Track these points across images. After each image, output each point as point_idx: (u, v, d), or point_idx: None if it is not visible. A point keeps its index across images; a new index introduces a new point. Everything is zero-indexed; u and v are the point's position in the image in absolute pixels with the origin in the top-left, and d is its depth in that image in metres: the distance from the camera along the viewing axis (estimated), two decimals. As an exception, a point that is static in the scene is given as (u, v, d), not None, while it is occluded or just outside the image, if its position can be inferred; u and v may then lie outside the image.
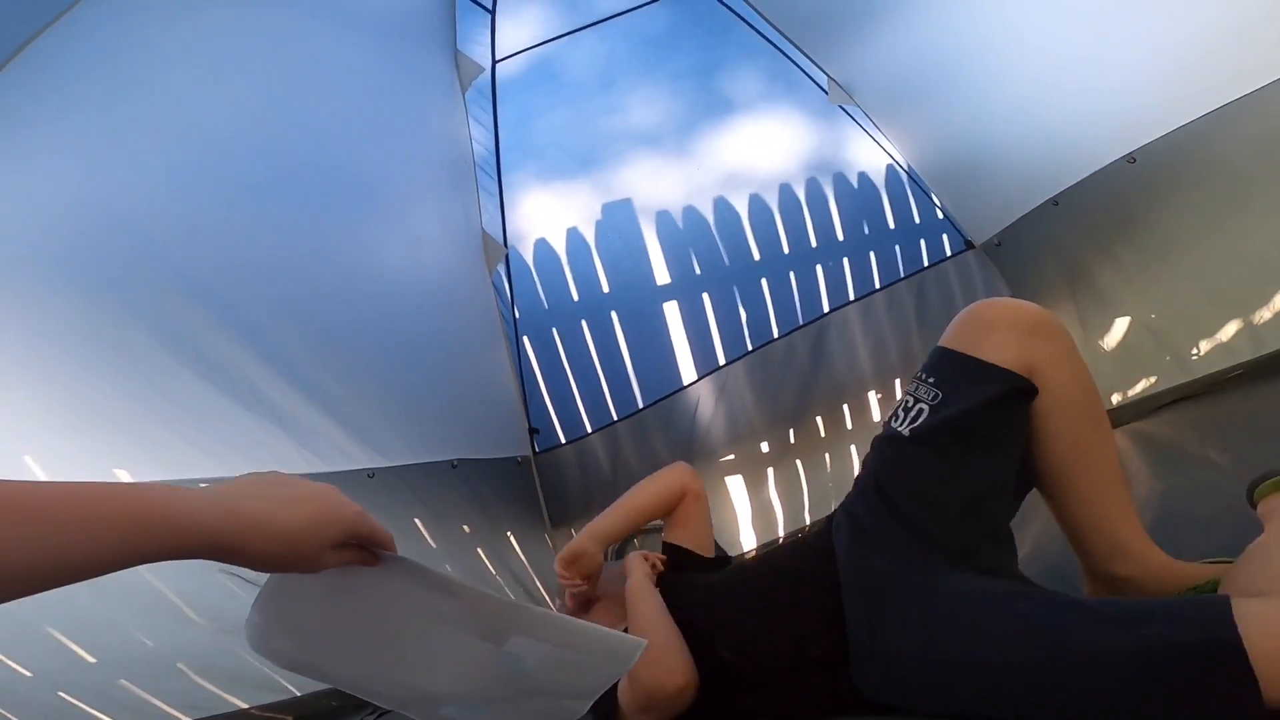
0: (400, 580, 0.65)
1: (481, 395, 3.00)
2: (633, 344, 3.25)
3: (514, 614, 0.67)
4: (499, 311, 3.10)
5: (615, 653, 0.68)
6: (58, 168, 1.69)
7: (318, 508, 0.56)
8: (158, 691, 1.75)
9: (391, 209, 2.53)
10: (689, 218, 3.25)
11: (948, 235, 3.17)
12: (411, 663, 0.70)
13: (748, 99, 3.28)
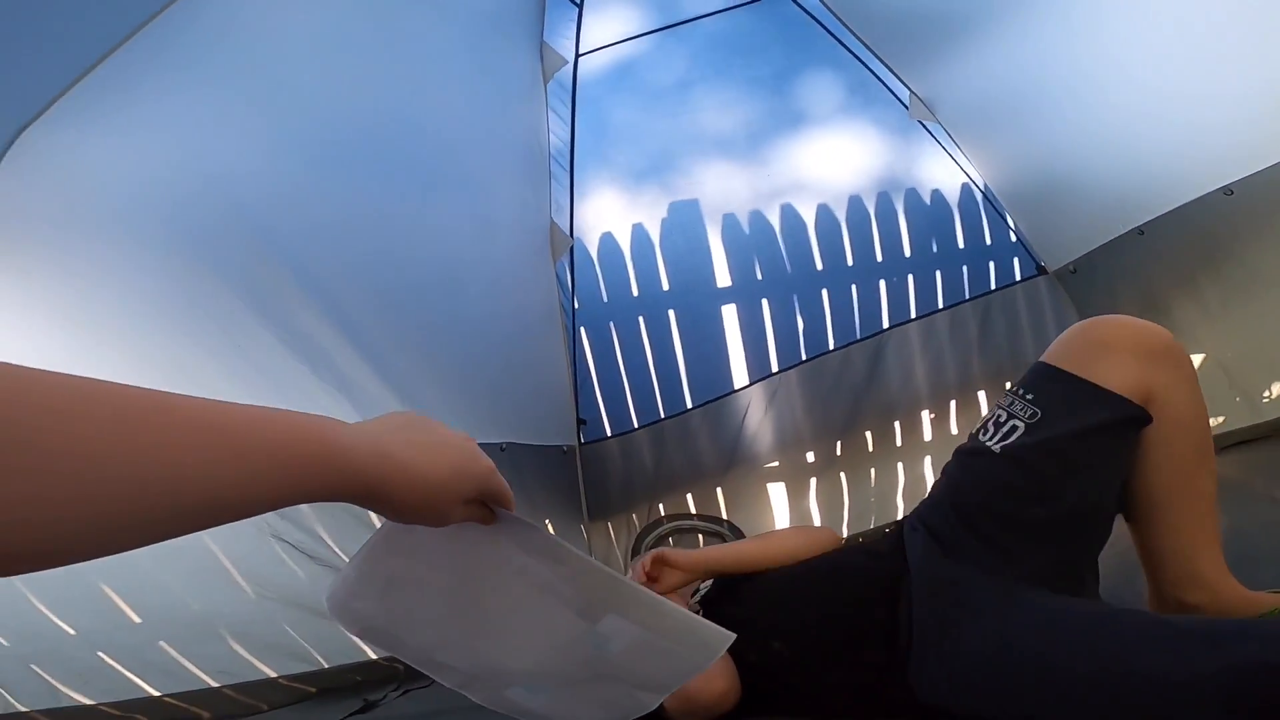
0: (509, 542, 0.63)
1: (535, 382, 3.02)
2: (687, 344, 3.22)
3: (616, 589, 0.64)
4: (559, 301, 3.10)
5: (703, 644, 0.65)
6: (170, 135, 1.74)
7: (459, 459, 0.53)
8: (193, 655, 1.82)
9: (467, 191, 2.56)
10: (755, 223, 3.21)
11: (1019, 259, 3.08)
12: (493, 634, 0.68)
13: (824, 109, 3.22)
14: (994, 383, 3.11)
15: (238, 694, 1.84)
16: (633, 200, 3.23)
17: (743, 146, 3.26)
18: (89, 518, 0.29)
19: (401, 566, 0.67)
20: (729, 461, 3.21)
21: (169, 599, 1.84)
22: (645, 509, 3.21)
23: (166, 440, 0.33)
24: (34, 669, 1.64)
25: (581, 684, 0.70)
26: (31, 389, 0.28)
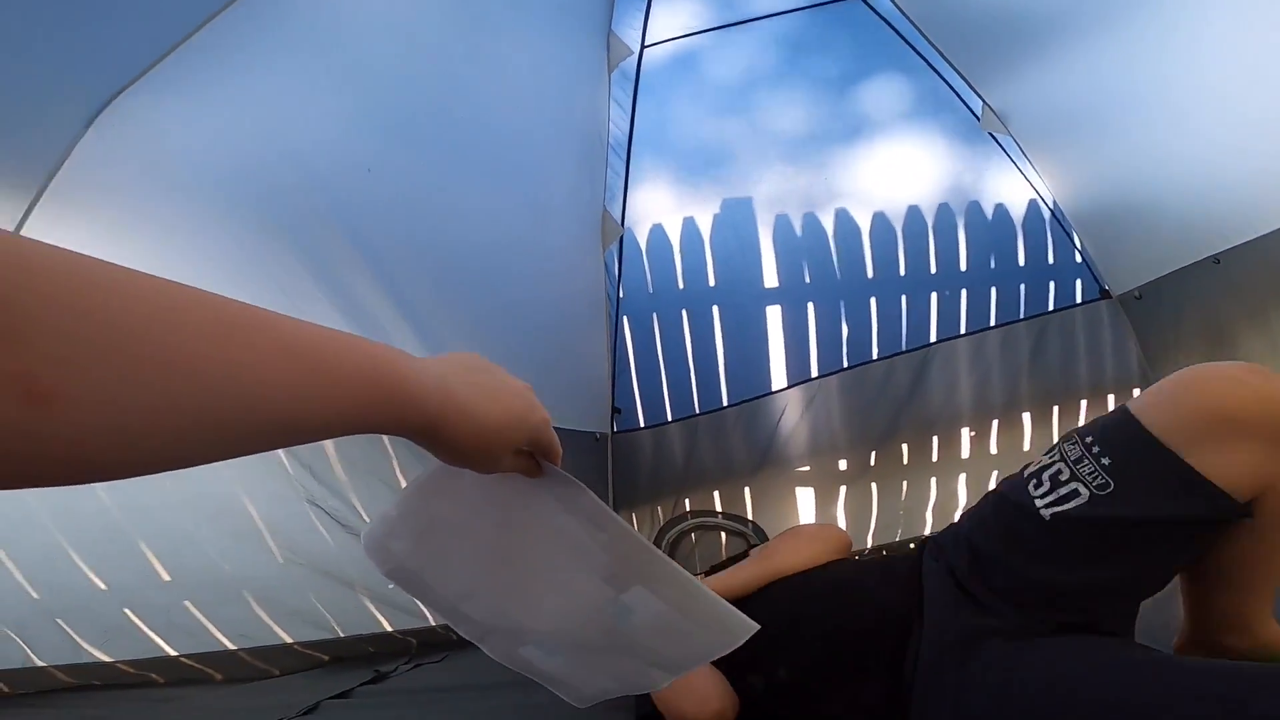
0: (551, 498, 0.62)
1: (574, 367, 3.01)
2: (729, 341, 3.17)
3: (649, 561, 0.62)
4: (605, 289, 3.08)
5: (724, 629, 0.63)
6: (252, 106, 1.77)
7: (516, 406, 0.52)
8: (215, 617, 1.85)
9: (525, 176, 2.55)
10: (808, 225, 3.13)
11: (1082, 280, 2.95)
12: (520, 590, 0.67)
13: (890, 115, 3.11)
14: (1041, 406, 3.00)
15: (252, 658, 1.86)
16: (686, 194, 3.18)
17: (802, 148, 3.17)
18: (174, 427, 0.29)
19: (444, 509, 0.66)
20: (760, 462, 3.16)
21: (202, 559, 1.88)
22: (671, 503, 3.18)
23: (253, 354, 0.33)
24: (60, 624, 1.68)
25: (596, 652, 0.68)
26: (133, 291, 0.28)
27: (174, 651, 1.79)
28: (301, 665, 1.88)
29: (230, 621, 1.85)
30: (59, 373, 0.24)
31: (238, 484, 1.94)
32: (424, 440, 0.47)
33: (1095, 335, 2.92)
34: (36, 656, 1.65)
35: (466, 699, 1.35)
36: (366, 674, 1.68)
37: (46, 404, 0.24)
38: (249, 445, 0.34)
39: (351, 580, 2.00)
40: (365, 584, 2.01)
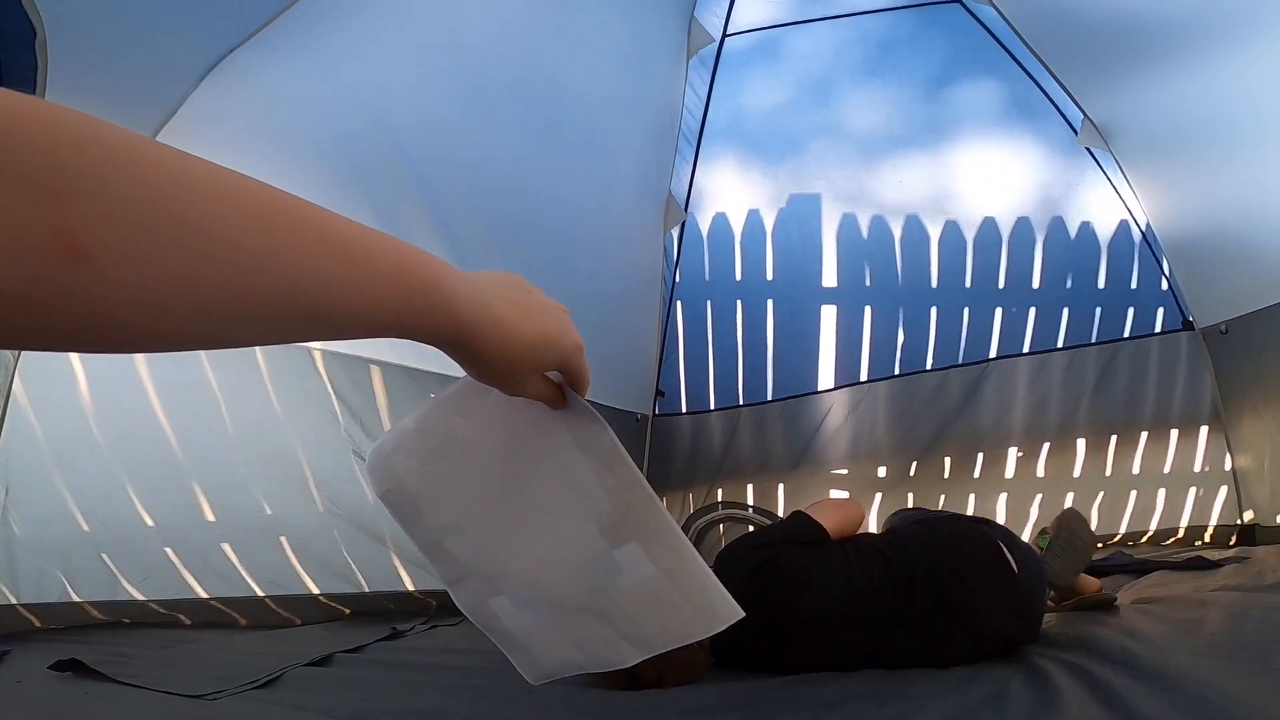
0: (567, 433, 0.56)
1: (623, 345, 2.94)
2: (780, 336, 3.05)
3: (652, 518, 0.56)
4: (661, 272, 2.99)
5: (710, 610, 0.57)
6: (351, 70, 1.78)
7: (551, 327, 0.49)
8: (250, 561, 1.83)
9: (596, 152, 2.48)
10: (875, 228, 2.96)
11: (1164, 309, 2.71)
12: (510, 529, 0.61)
13: (979, 120, 2.90)
14: (1099, 434, 2.79)
15: (278, 605, 1.85)
16: (754, 185, 3.03)
17: (880, 148, 2.98)
18: (208, 298, 0.29)
19: (461, 428, 0.61)
20: (797, 460, 3.05)
21: (247, 501, 1.87)
22: (704, 491, 3.09)
23: (294, 238, 0.33)
24: (103, 558, 1.67)
25: (570, 612, 0.62)
26: (182, 166, 0.28)
27: (205, 593, 1.77)
28: (323, 616, 1.87)
29: (263, 567, 1.84)
30: (101, 232, 0.25)
31: (291, 429, 1.93)
32: (454, 351, 0.45)
33: (1169, 367, 2.69)
34: (74, 591, 1.64)
35: (477, 662, 1.30)
36: (384, 630, 1.66)
37: (86, 261, 0.25)
38: (279, 330, 0.34)
39: (383, 536, 1.98)
40: (395, 541, 1.99)
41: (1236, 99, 2.06)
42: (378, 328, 0.39)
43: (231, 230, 0.30)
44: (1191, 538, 2.59)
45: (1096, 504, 2.74)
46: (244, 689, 1.10)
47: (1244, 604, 1.33)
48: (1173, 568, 1.92)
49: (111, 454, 1.69)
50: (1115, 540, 2.67)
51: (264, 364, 1.89)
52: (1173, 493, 2.67)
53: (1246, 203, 2.25)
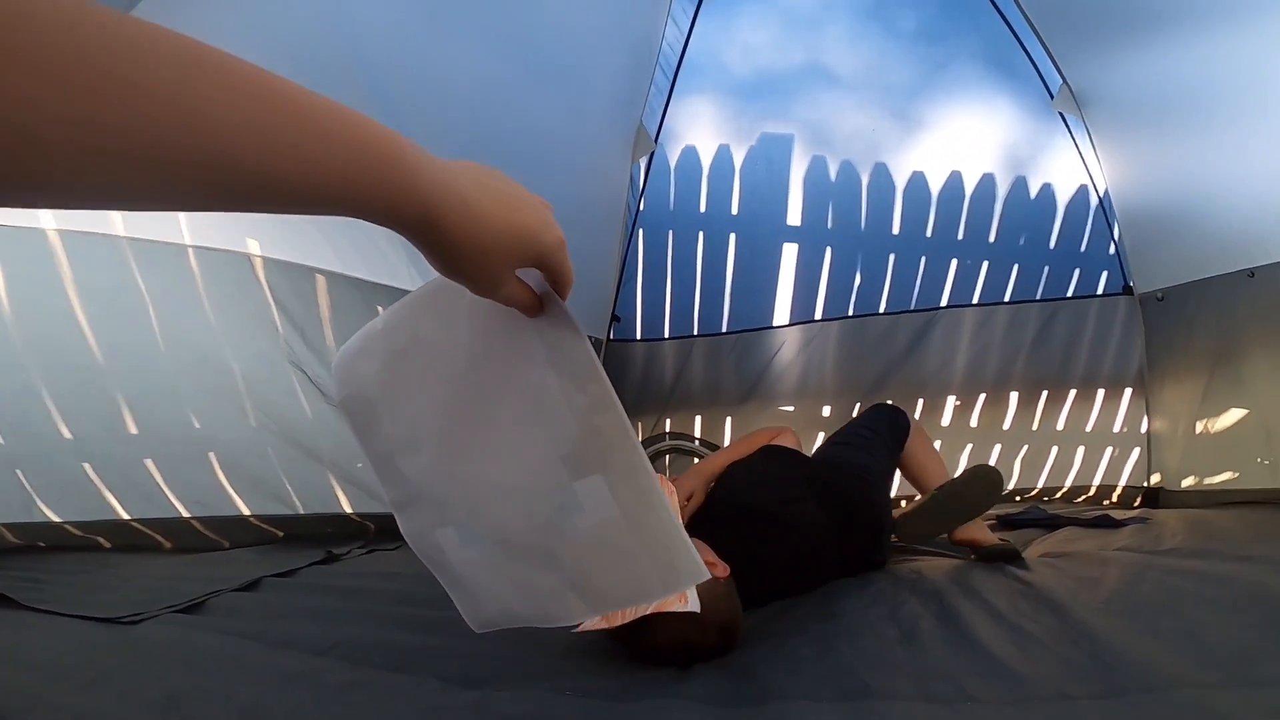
0: (541, 345, 0.51)
1: (582, 268, 2.75)
2: (740, 270, 3.02)
3: (621, 447, 0.50)
4: (626, 199, 2.89)
5: (671, 567, 0.52)
6: None
7: (532, 219, 0.45)
8: (175, 479, 1.71)
9: (569, 76, 2.33)
10: (844, 172, 2.91)
11: (1108, 273, 2.75)
12: (467, 451, 0.56)
13: (958, 77, 2.82)
14: (1031, 389, 2.87)
15: (205, 528, 1.73)
16: (726, 121, 2.95)
17: (859, 95, 2.90)
18: (137, 154, 0.27)
19: (428, 330, 0.56)
20: (746, 394, 3.08)
21: (174, 413, 1.74)
22: (653, 420, 3.11)
23: (225, 94, 0.30)
24: (18, 475, 1.54)
25: (518, 555, 0.57)
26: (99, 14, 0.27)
27: (126, 515, 1.65)
28: (253, 539, 1.78)
29: (189, 486, 1.73)
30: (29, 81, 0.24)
31: (224, 337, 1.80)
32: (417, 237, 0.40)
33: (1105, 329, 2.76)
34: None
35: (416, 589, 1.27)
36: (318, 554, 1.60)
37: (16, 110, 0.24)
38: (215, 193, 0.31)
39: (321, 454, 1.89)
40: (334, 460, 1.91)
41: (1211, 79, 2.02)
42: (323, 201, 0.34)
43: (157, 79, 0.27)
44: (1101, 496, 2.71)
45: (1020, 457, 2.85)
46: (164, 613, 1.07)
47: (1141, 565, 1.40)
48: (1081, 525, 2.01)
49: (27, 358, 1.55)
50: (1032, 494, 2.80)
51: (197, 268, 1.74)
52: (1091, 451, 2.79)
53: (1201, 179, 2.25)
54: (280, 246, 1.88)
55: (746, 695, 0.88)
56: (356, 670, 0.91)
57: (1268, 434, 2.18)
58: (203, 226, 1.76)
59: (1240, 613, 1.03)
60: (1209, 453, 2.37)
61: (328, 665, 0.93)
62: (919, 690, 0.85)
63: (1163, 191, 2.45)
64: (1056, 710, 0.75)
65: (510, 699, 0.84)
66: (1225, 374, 2.34)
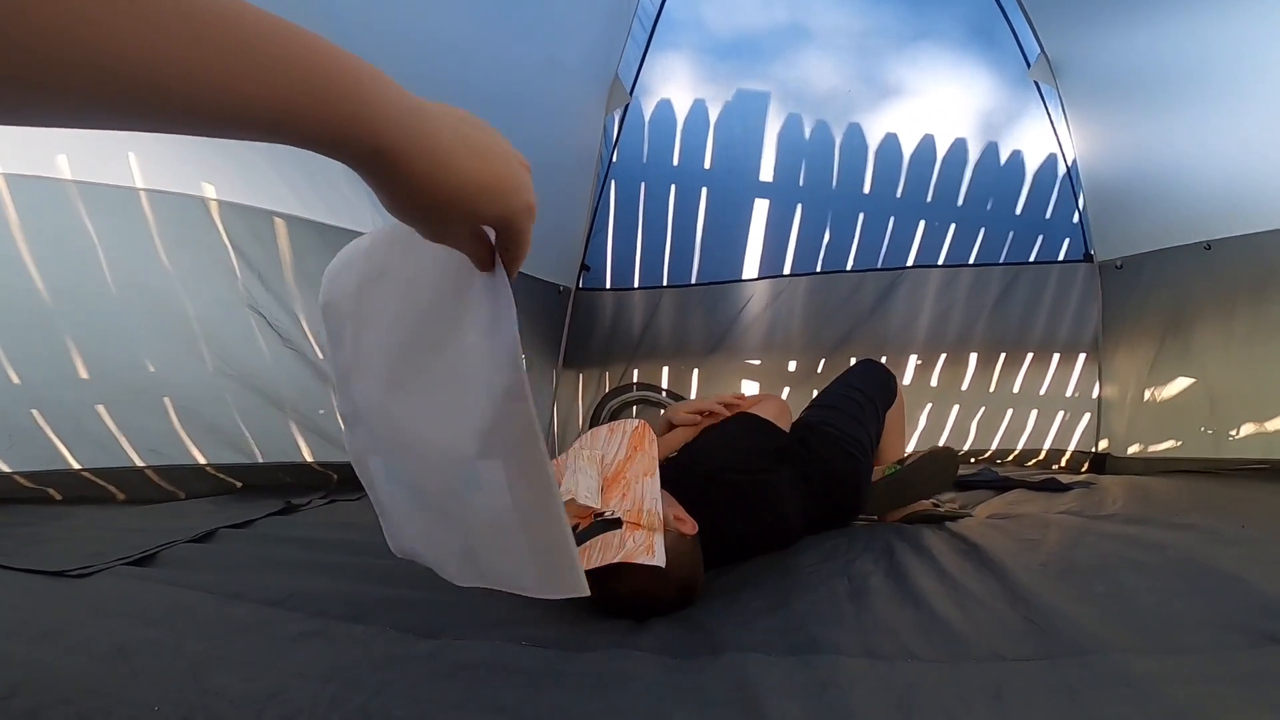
0: (483, 310, 0.49)
1: (553, 216, 2.77)
2: (711, 223, 3.00)
3: (525, 442, 0.49)
4: (599, 150, 2.84)
5: (553, 573, 0.52)
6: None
7: (505, 175, 0.41)
8: (128, 426, 1.65)
9: (544, 25, 2.24)
10: (818, 132, 2.88)
11: (1070, 240, 2.79)
12: (404, 391, 0.56)
13: (940, 43, 2.79)
14: (990, 351, 2.93)
15: (159, 478, 1.67)
16: (703, 76, 2.89)
17: (839, 56, 2.85)
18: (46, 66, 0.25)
19: (396, 263, 0.55)
20: (714, 346, 3.09)
21: (126, 356, 1.67)
22: (620, 370, 3.11)
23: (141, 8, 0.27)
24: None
25: (427, 503, 0.58)
26: None
27: (77, 464, 1.59)
28: (210, 490, 1.73)
29: (143, 433, 1.66)
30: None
31: (179, 281, 1.73)
32: (370, 173, 0.37)
33: (1063, 295, 2.81)
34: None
35: (377, 540, 1.26)
36: (276, 504, 1.56)
37: None
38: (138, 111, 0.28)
39: (282, 400, 1.84)
40: (295, 407, 1.86)
41: (1184, 58, 2.02)
42: (274, 122, 0.31)
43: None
44: (1051, 460, 2.79)
45: (977, 419, 2.92)
46: (116, 565, 1.05)
47: (1080, 530, 1.45)
48: (1029, 487, 2.08)
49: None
50: (986, 456, 2.88)
51: (150, 211, 1.67)
52: (1043, 415, 2.87)
53: (1166, 153, 2.28)
54: (238, 189, 1.80)
55: (699, 647, 0.89)
56: (311, 620, 0.91)
57: (1212, 404, 2.25)
58: (156, 170, 1.68)
59: (1170, 580, 1.06)
60: (1155, 420, 2.44)
61: (282, 616, 0.92)
62: (863, 646, 0.87)
63: (1128, 163, 2.46)
64: (990, 670, 0.78)
65: (467, 648, 0.85)
66: (1175, 343, 2.40)
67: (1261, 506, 1.64)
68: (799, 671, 0.80)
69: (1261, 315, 2.16)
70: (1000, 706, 0.70)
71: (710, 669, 0.81)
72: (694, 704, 0.73)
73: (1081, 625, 0.90)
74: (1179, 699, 0.69)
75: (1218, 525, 1.40)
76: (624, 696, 0.76)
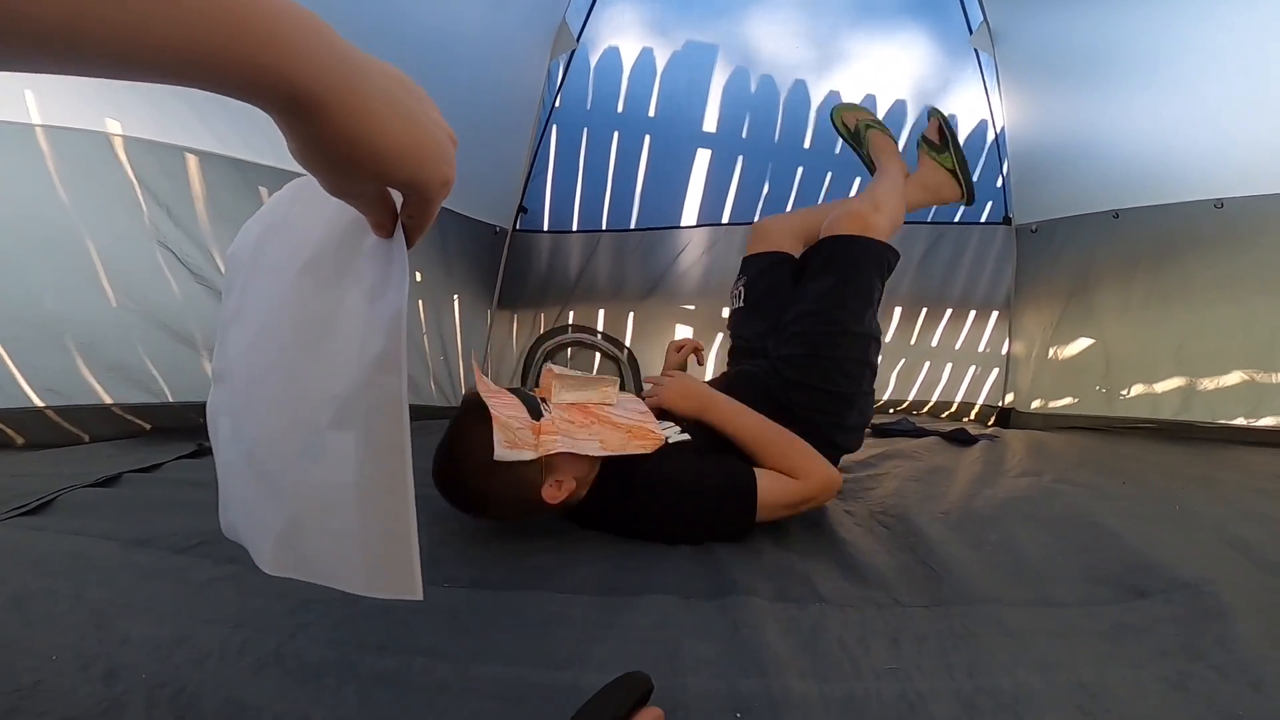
0: (369, 270, 0.46)
1: (492, 157, 2.72)
2: (653, 170, 2.95)
3: (386, 418, 0.45)
4: (542, 96, 2.75)
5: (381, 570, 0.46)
6: None
7: (427, 145, 0.39)
8: (29, 366, 1.53)
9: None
10: (763, 86, 2.85)
11: (992, 203, 2.86)
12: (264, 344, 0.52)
13: (885, 4, 2.76)
14: (913, 306, 3.02)
15: (62, 419, 1.55)
16: (652, 25, 2.79)
17: (787, 14, 2.79)
18: None
19: (294, 216, 0.53)
20: (649, 290, 3.07)
21: (23, 291, 1.52)
22: (555, 312, 3.07)
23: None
24: None
25: (256, 472, 0.53)
26: None
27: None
28: (116, 432, 1.61)
29: (43, 372, 1.53)
30: None
31: (80, 215, 1.59)
32: (284, 119, 0.35)
33: (982, 255, 2.90)
34: None
35: None
36: (187, 447, 1.47)
37: None
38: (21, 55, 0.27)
39: (193, 338, 1.72)
40: (208, 345, 1.73)
41: (1116, 37, 2.08)
42: (179, 65, 0.30)
43: None
44: (961, 413, 2.92)
45: (896, 370, 3.02)
46: (9, 516, 0.97)
47: (980, 482, 1.53)
48: (941, 437, 2.19)
49: None
50: (904, 406, 3.01)
51: (47, 147, 1.53)
52: (957, 369, 2.98)
53: (1085, 127, 2.36)
54: (146, 125, 1.66)
55: (622, 587, 0.91)
56: (222, 566, 0.88)
57: (1108, 364, 2.39)
58: (54, 106, 1.54)
59: (1054, 533, 1.14)
60: (1056, 378, 2.57)
61: (190, 562, 0.89)
62: (776, 590, 0.91)
63: (1051, 135, 2.54)
64: (889, 615, 0.83)
65: (386, 590, 0.84)
66: (1079, 305, 2.53)
67: (1144, 464, 1.76)
68: (716, 614, 0.83)
69: (1157, 282, 2.30)
70: (896, 651, 0.75)
71: (631, 610, 0.83)
72: (614, 641, 0.75)
73: (973, 574, 0.96)
74: (1048, 652, 0.75)
75: (1103, 481, 1.52)
76: (545, 636, 0.77)
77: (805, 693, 0.66)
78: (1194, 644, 0.75)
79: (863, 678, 0.69)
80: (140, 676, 0.64)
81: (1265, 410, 2.06)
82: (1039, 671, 0.70)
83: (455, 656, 0.71)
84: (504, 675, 0.68)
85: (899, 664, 0.72)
